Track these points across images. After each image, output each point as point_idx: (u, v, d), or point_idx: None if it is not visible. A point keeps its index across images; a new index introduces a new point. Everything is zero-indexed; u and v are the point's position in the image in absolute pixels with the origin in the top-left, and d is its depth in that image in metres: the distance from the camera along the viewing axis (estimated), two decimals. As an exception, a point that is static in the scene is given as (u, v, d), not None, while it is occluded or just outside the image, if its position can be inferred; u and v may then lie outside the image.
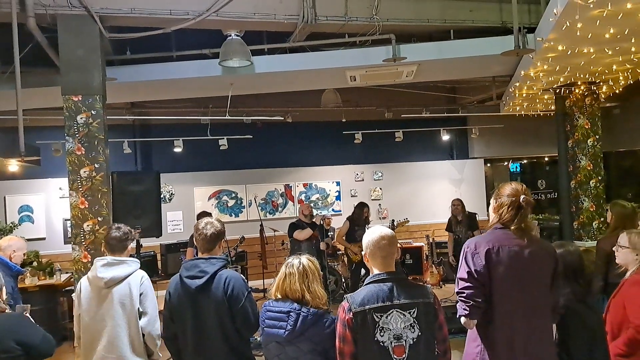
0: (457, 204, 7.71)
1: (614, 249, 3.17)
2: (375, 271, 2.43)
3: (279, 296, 2.65)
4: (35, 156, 6.06)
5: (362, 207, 7.66)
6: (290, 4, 5.41)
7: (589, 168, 6.90)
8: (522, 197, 2.47)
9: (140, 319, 3.14)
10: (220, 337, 2.80)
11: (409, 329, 2.30)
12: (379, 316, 2.29)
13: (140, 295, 3.15)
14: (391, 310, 2.30)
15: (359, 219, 7.59)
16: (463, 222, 7.57)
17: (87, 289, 3.20)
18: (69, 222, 7.66)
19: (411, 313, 2.31)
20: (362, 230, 7.40)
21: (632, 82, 6.72)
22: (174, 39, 6.01)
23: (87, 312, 3.19)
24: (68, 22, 4.82)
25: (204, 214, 6.99)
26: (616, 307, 2.92)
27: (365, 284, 2.41)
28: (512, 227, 2.45)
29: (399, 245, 2.53)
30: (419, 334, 2.31)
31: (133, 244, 3.42)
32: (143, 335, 3.16)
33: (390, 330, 2.29)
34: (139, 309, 3.14)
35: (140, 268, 3.30)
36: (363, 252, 2.51)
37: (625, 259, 3.05)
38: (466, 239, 7.55)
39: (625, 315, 2.85)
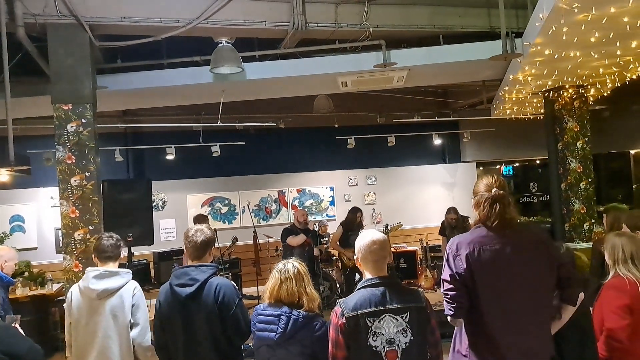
0: (453, 218, 7.86)
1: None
2: (368, 276, 2.43)
3: (272, 301, 2.66)
4: (25, 165, 6.01)
5: (355, 212, 7.65)
6: (280, 11, 5.44)
7: (579, 170, 6.94)
8: (493, 190, 2.42)
9: (131, 330, 3.14)
10: (211, 345, 2.80)
11: (402, 334, 2.30)
12: (371, 321, 2.29)
13: (133, 306, 3.15)
14: (384, 315, 2.30)
15: (352, 223, 7.59)
16: (457, 227, 7.69)
17: (79, 299, 3.18)
18: (60, 231, 7.63)
19: (403, 317, 2.32)
20: (356, 235, 7.36)
21: (619, 85, 6.79)
22: (165, 47, 6.02)
23: (78, 322, 3.17)
24: (58, 31, 4.82)
25: (200, 217, 7.01)
26: (598, 310, 2.94)
27: (358, 289, 2.41)
28: (491, 225, 2.39)
29: (393, 249, 2.54)
30: (412, 338, 2.31)
31: (124, 252, 3.42)
32: (134, 346, 3.15)
33: (383, 334, 2.29)
34: (130, 320, 3.14)
35: (133, 278, 3.29)
36: (355, 257, 2.51)
37: (607, 259, 3.08)
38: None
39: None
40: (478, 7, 6.07)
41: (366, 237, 2.46)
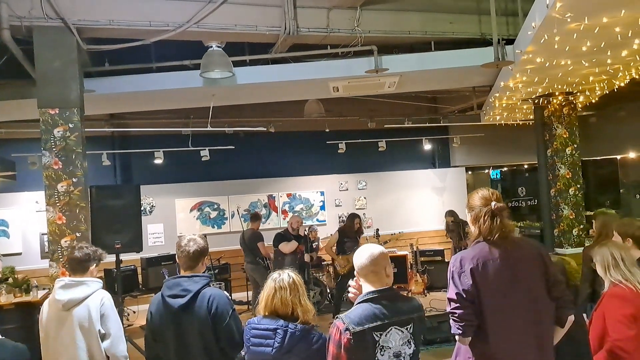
0: (450, 220, 7.93)
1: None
2: (369, 288, 2.37)
3: (267, 313, 2.60)
4: (11, 171, 5.90)
5: (352, 219, 7.46)
6: (271, 16, 5.40)
7: (568, 176, 7.00)
8: (493, 204, 2.42)
9: (102, 341, 3.07)
10: (204, 357, 2.74)
11: (407, 345, 2.28)
12: (378, 335, 2.24)
13: (102, 316, 3.07)
14: (390, 328, 2.26)
15: (350, 230, 7.48)
16: (454, 231, 7.74)
17: (48, 311, 3.14)
18: (45, 236, 7.47)
19: (408, 329, 2.30)
20: (352, 242, 7.36)
21: (607, 92, 6.86)
22: (154, 50, 5.93)
23: (47, 334, 3.13)
24: (44, 34, 4.72)
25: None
26: (598, 320, 2.92)
27: (359, 303, 2.35)
28: (493, 239, 2.41)
29: None
30: (415, 348, 2.30)
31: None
32: (108, 357, 3.08)
33: (390, 348, 2.25)
34: (100, 330, 3.06)
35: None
36: (355, 271, 2.45)
37: (599, 271, 3.08)
38: (456, 247, 7.70)
39: (606, 328, 2.85)
40: (469, 14, 6.08)
41: (365, 251, 2.42)
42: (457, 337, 2.41)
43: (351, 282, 2.46)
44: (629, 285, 2.87)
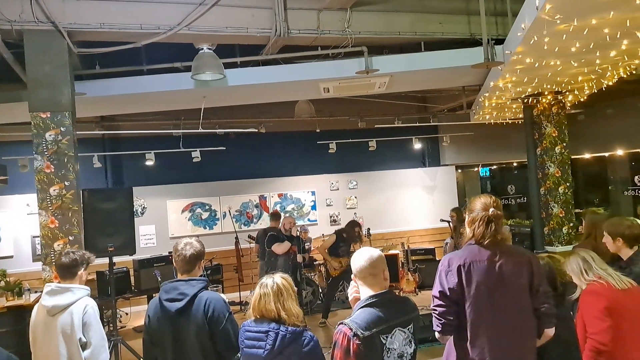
0: (452, 215, 7.95)
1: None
2: (369, 292, 2.38)
3: (257, 316, 2.63)
4: (1, 174, 5.85)
5: (353, 226, 7.58)
6: (262, 18, 5.41)
7: (557, 175, 7.08)
8: (490, 210, 2.50)
9: (83, 350, 3.04)
10: (201, 360, 2.75)
11: (408, 345, 2.32)
12: (385, 338, 2.26)
13: (84, 325, 3.05)
14: (394, 330, 2.29)
15: (349, 237, 7.53)
16: (457, 229, 7.77)
17: (36, 316, 3.17)
18: (37, 239, 7.42)
19: (409, 329, 2.34)
20: (346, 246, 7.44)
21: (596, 91, 6.95)
22: (145, 53, 5.92)
23: (33, 339, 3.15)
24: (35, 37, 4.70)
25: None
26: (579, 321, 2.98)
27: (361, 307, 2.34)
28: (484, 242, 2.48)
29: None
30: (415, 347, 2.34)
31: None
32: None
33: (395, 349, 2.27)
34: (81, 339, 3.03)
35: (97, 291, 3.25)
36: (352, 275, 2.48)
37: (575, 280, 3.14)
38: (456, 245, 7.72)
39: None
40: (458, 15, 6.14)
41: (364, 254, 2.43)
42: (436, 335, 2.50)
43: (353, 284, 2.49)
44: (603, 282, 2.95)
